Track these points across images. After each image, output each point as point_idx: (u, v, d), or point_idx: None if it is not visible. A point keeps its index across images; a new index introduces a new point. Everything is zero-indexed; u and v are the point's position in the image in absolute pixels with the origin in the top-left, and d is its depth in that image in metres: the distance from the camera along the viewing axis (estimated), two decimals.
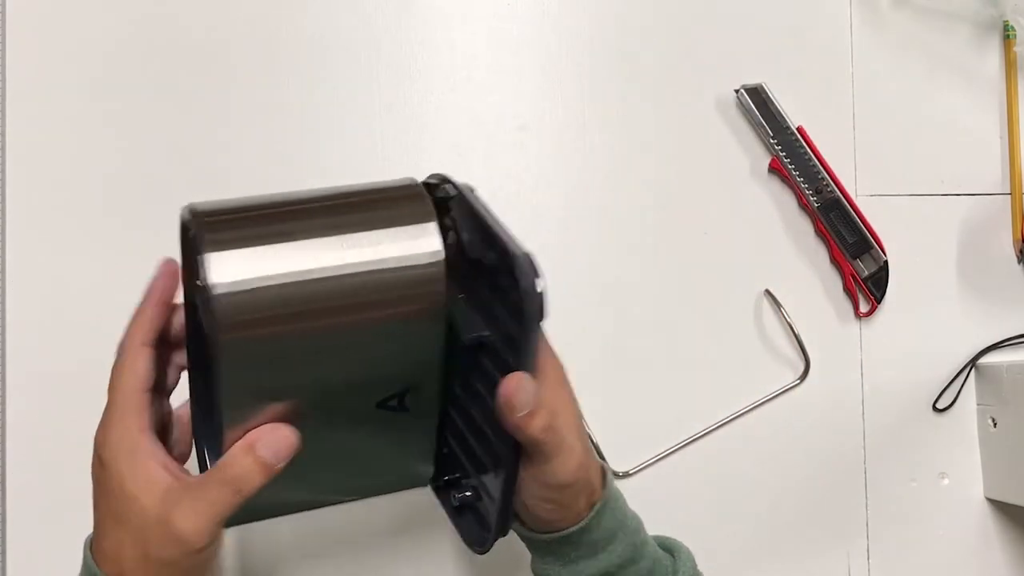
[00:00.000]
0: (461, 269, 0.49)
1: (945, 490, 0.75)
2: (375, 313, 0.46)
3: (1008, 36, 0.77)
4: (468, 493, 0.54)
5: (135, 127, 0.71)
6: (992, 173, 0.77)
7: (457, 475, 0.55)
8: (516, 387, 0.46)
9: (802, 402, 0.74)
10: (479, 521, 0.54)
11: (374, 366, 0.48)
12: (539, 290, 0.44)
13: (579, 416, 0.52)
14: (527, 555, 0.55)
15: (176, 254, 0.73)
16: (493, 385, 0.47)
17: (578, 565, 0.51)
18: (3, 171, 0.71)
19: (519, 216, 0.72)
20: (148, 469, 0.46)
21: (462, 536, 0.55)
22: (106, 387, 0.70)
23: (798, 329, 0.73)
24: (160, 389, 0.50)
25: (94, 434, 0.48)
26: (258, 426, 0.46)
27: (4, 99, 0.71)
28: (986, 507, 0.75)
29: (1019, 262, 0.76)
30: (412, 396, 0.49)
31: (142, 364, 0.48)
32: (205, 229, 0.45)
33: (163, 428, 0.50)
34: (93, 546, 0.48)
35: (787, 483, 0.73)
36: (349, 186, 0.49)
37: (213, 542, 0.46)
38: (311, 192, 0.48)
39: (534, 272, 0.44)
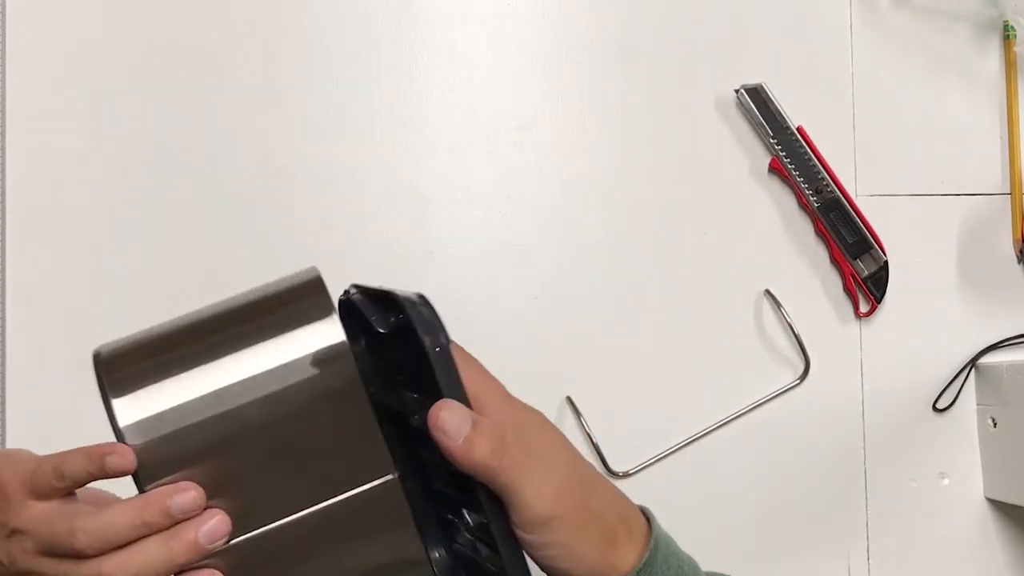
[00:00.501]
0: (382, 368, 0.48)
1: (945, 490, 0.75)
2: (294, 419, 0.44)
3: (1008, 36, 0.77)
4: None
5: (135, 127, 0.71)
6: (992, 173, 0.77)
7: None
8: (441, 411, 0.42)
9: (802, 402, 0.74)
10: None
11: (312, 470, 0.46)
12: (441, 345, 0.43)
13: (569, 455, 0.46)
14: None
15: (177, 255, 0.74)
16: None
17: None
18: (3, 171, 0.71)
19: (519, 216, 0.73)
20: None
21: None
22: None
23: (798, 329, 0.73)
24: None
25: None
26: None
27: (4, 99, 0.71)
28: (986, 507, 0.75)
29: (1019, 262, 0.76)
30: (365, 483, 0.46)
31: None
32: (107, 373, 0.44)
33: None
34: None
35: (787, 483, 0.73)
36: (246, 294, 0.48)
37: None
38: (209, 310, 0.47)
39: (430, 326, 0.43)
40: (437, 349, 0.43)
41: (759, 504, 0.74)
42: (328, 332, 0.45)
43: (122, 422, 0.43)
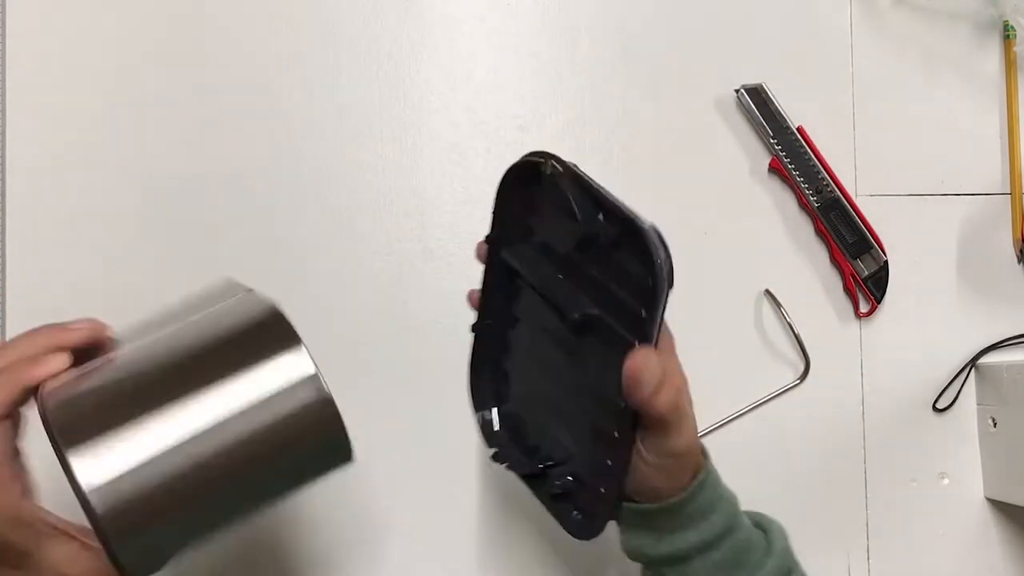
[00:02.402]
0: (561, 247, 0.49)
1: (945, 490, 0.75)
2: (273, 459, 0.44)
3: (1008, 36, 0.77)
4: (568, 479, 0.54)
5: (134, 127, 0.71)
6: (992, 173, 0.77)
7: (551, 463, 0.54)
8: (643, 364, 0.46)
9: (802, 402, 0.74)
10: (581, 509, 0.53)
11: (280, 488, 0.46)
12: (668, 265, 0.45)
13: (686, 386, 0.52)
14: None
15: (177, 254, 0.74)
16: (602, 363, 0.48)
17: (675, 536, 0.51)
18: (3, 170, 0.71)
19: None
20: (9, 494, 0.45)
21: (564, 527, 0.54)
22: None
23: (798, 329, 0.73)
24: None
25: None
26: None
27: (4, 98, 0.71)
28: (986, 507, 0.75)
29: (1019, 262, 0.76)
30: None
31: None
32: (62, 434, 0.42)
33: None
34: None
35: (787, 483, 0.73)
36: (203, 332, 0.46)
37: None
38: (166, 355, 0.45)
39: (663, 245, 0.45)
40: (667, 290, 0.45)
41: (759, 504, 0.73)
42: (297, 364, 0.44)
43: (85, 485, 0.40)
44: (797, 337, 0.73)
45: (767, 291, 0.74)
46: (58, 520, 0.46)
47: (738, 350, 0.74)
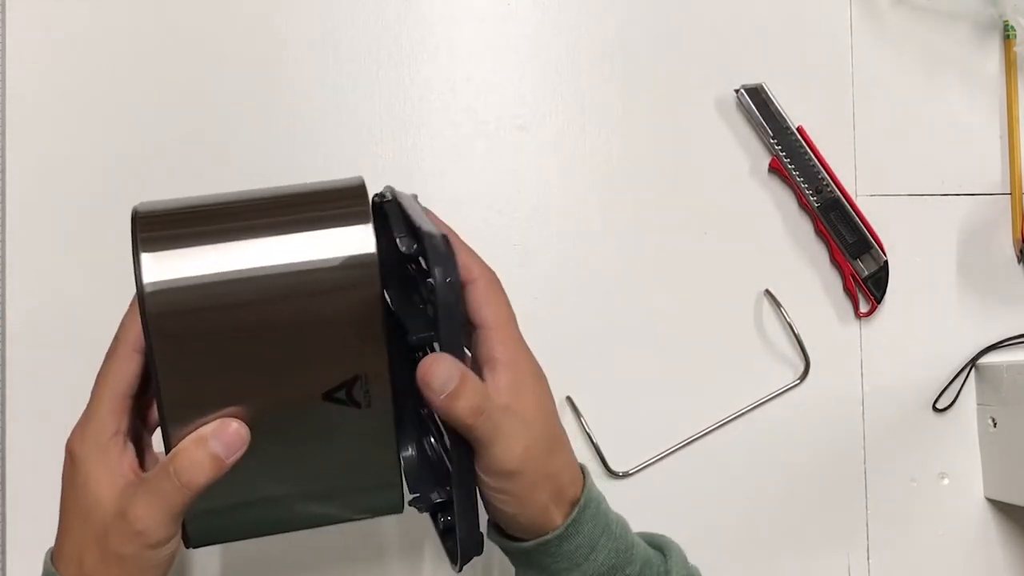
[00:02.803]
0: (401, 275, 0.50)
1: (945, 490, 0.75)
2: (307, 310, 0.46)
3: (1008, 36, 0.77)
4: (450, 517, 0.52)
5: (135, 127, 0.71)
6: (992, 173, 0.77)
7: (444, 499, 0.53)
8: (431, 365, 0.45)
9: (802, 402, 0.74)
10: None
11: (313, 356, 0.47)
12: (450, 281, 0.45)
13: (546, 415, 0.50)
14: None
15: None
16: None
17: (561, 570, 0.49)
18: (3, 169, 0.71)
19: (519, 216, 0.73)
20: (113, 468, 0.47)
21: (448, 555, 0.53)
22: None
23: (798, 329, 0.73)
24: (145, 400, 0.50)
25: (70, 440, 0.48)
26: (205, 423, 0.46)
27: (4, 97, 0.71)
28: (986, 507, 0.75)
29: (1019, 262, 0.76)
30: (360, 388, 0.48)
31: (129, 369, 0.48)
32: (142, 229, 0.47)
33: (139, 439, 0.50)
34: (54, 553, 0.48)
35: (787, 483, 0.73)
36: (291, 186, 0.50)
37: (170, 537, 0.46)
38: (253, 192, 0.49)
39: (444, 260, 0.45)
40: (448, 280, 0.45)
41: (759, 504, 0.74)
42: (361, 240, 0.46)
43: (147, 278, 0.45)
44: (797, 337, 0.73)
45: (767, 291, 0.74)
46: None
47: (738, 350, 0.74)
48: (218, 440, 0.45)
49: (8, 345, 0.70)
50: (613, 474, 0.71)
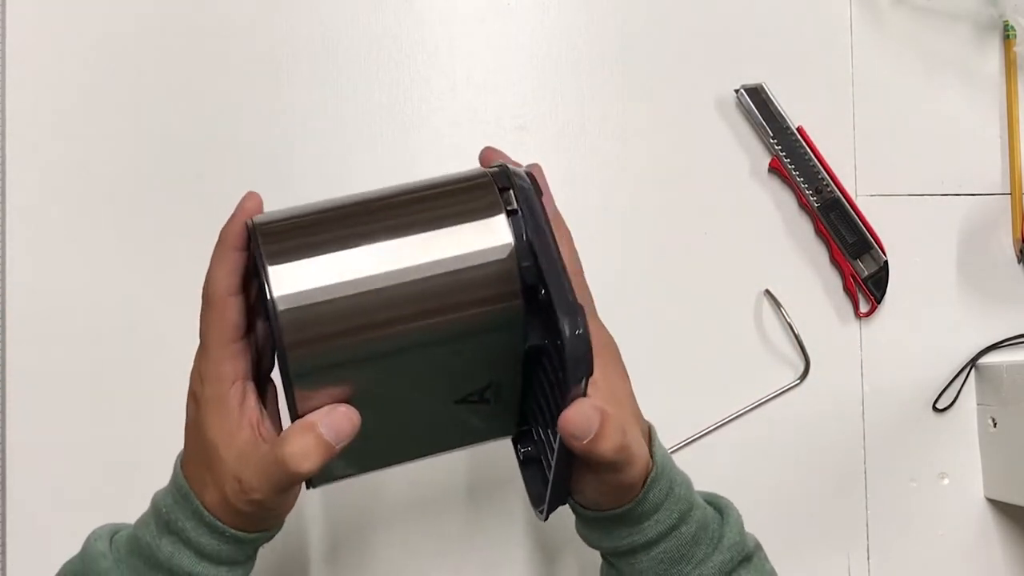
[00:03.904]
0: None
1: (945, 490, 0.75)
2: (443, 314, 0.45)
3: (1008, 36, 0.77)
4: (530, 448, 0.52)
5: (134, 126, 0.72)
6: (992, 173, 0.77)
7: (527, 427, 0.53)
8: (576, 418, 0.45)
9: (802, 402, 0.74)
10: (543, 478, 0.52)
11: (449, 366, 0.47)
12: (576, 332, 0.42)
13: (632, 400, 0.51)
14: None
15: (177, 254, 0.74)
16: (552, 381, 0.46)
17: (622, 535, 0.51)
18: (3, 168, 0.71)
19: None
20: (232, 423, 0.47)
21: (526, 489, 0.53)
22: (107, 387, 0.70)
23: (798, 329, 0.73)
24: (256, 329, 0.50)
25: (190, 371, 0.49)
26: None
27: (4, 96, 0.71)
28: (986, 507, 0.75)
29: (1019, 262, 0.76)
30: (492, 391, 0.48)
31: (230, 314, 0.47)
32: (266, 241, 0.45)
33: (260, 367, 0.50)
34: (184, 465, 0.49)
35: (787, 483, 0.73)
36: (412, 184, 0.48)
37: (286, 500, 0.48)
38: (369, 194, 0.48)
39: (573, 307, 0.43)
40: (577, 332, 0.43)
41: (759, 504, 0.73)
42: (495, 235, 0.45)
43: (276, 291, 0.43)
44: (797, 337, 0.73)
45: (767, 291, 0.74)
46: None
47: (738, 350, 0.74)
48: (327, 426, 0.45)
49: (8, 345, 0.70)
50: None
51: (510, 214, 0.46)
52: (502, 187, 0.47)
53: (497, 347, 0.46)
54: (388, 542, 0.71)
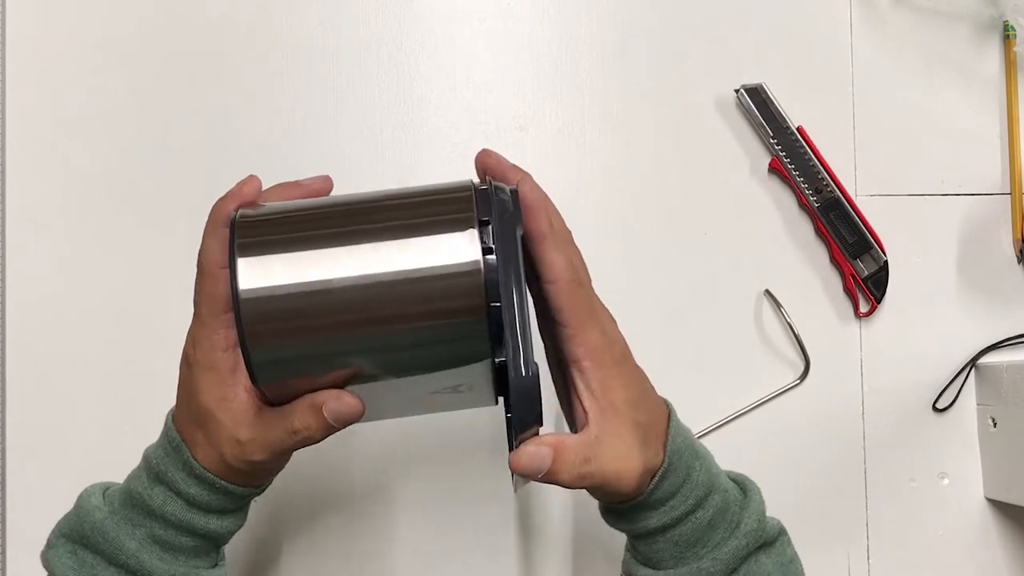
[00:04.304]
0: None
1: (945, 490, 0.75)
2: (405, 321, 0.45)
3: (1008, 36, 0.77)
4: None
5: (134, 126, 0.72)
6: (992, 173, 0.77)
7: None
8: (522, 459, 0.47)
9: (802, 402, 0.74)
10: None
11: (413, 374, 0.47)
12: (526, 372, 0.45)
13: (637, 395, 0.51)
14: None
15: (177, 255, 0.74)
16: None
17: (638, 519, 0.52)
18: (3, 167, 0.71)
19: None
20: (224, 388, 0.48)
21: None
22: (108, 385, 0.70)
23: (798, 329, 0.73)
24: None
25: (185, 339, 0.50)
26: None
27: (4, 95, 0.71)
28: (986, 507, 0.75)
29: (1019, 262, 0.76)
30: (466, 387, 0.48)
31: (221, 287, 0.48)
32: (241, 234, 0.46)
33: None
34: (175, 419, 0.51)
35: (787, 483, 0.73)
36: (394, 190, 0.49)
37: (281, 461, 0.51)
38: (351, 196, 0.48)
39: (520, 348, 0.45)
40: (527, 374, 0.45)
41: None
42: (464, 250, 0.45)
43: (242, 284, 0.44)
44: (797, 337, 0.73)
45: (767, 291, 0.74)
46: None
47: (738, 350, 0.74)
48: (332, 411, 0.47)
49: (8, 345, 0.70)
50: None
51: (483, 233, 0.46)
52: (480, 214, 0.47)
53: (463, 358, 0.47)
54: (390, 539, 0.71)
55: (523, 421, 0.46)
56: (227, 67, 0.72)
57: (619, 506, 0.52)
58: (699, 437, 0.73)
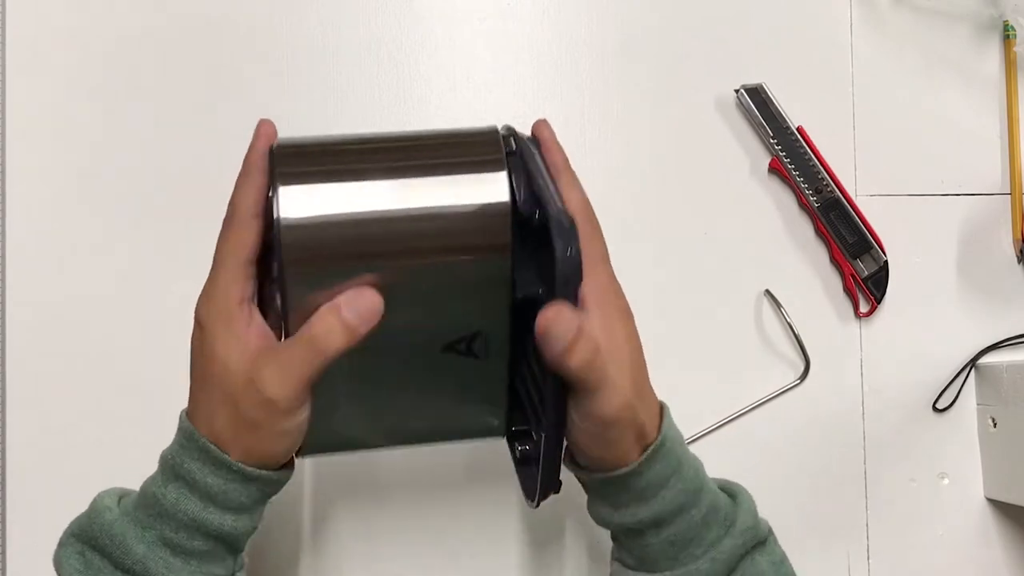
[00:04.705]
0: (518, 227, 0.50)
1: (945, 490, 0.75)
2: (437, 256, 0.47)
3: (1008, 36, 0.77)
4: (528, 447, 0.54)
5: (134, 126, 0.72)
6: (992, 173, 0.77)
7: (525, 427, 0.55)
8: (553, 318, 0.46)
9: (802, 402, 0.74)
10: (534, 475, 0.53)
11: (438, 308, 0.49)
12: (570, 255, 0.45)
13: (635, 355, 0.51)
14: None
15: (176, 255, 0.74)
16: (540, 371, 0.48)
17: (629, 509, 0.51)
18: (3, 167, 0.71)
19: None
20: (241, 334, 0.48)
21: (521, 486, 0.55)
22: (106, 384, 0.70)
23: (798, 329, 0.73)
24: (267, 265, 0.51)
25: (196, 303, 0.50)
26: None
27: (4, 95, 0.71)
28: (986, 507, 0.75)
29: (1019, 262, 0.76)
30: (480, 343, 0.50)
31: (248, 235, 0.48)
32: (282, 163, 0.47)
33: (264, 304, 0.51)
34: (188, 412, 0.50)
35: (787, 483, 0.73)
36: (428, 130, 0.51)
37: (300, 406, 0.47)
38: (389, 134, 0.51)
39: (568, 236, 0.45)
40: (569, 254, 0.46)
41: (758, 504, 0.73)
42: (495, 188, 0.48)
43: (284, 212, 0.46)
44: (797, 337, 0.73)
45: (767, 291, 0.74)
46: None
47: (738, 350, 0.74)
48: (352, 309, 0.46)
49: (8, 344, 0.70)
50: None
51: (511, 162, 0.49)
52: (507, 144, 0.50)
53: (487, 292, 0.49)
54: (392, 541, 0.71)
55: (567, 285, 0.46)
56: (227, 67, 0.72)
57: (609, 477, 0.50)
58: (698, 437, 0.73)
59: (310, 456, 0.53)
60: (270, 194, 0.47)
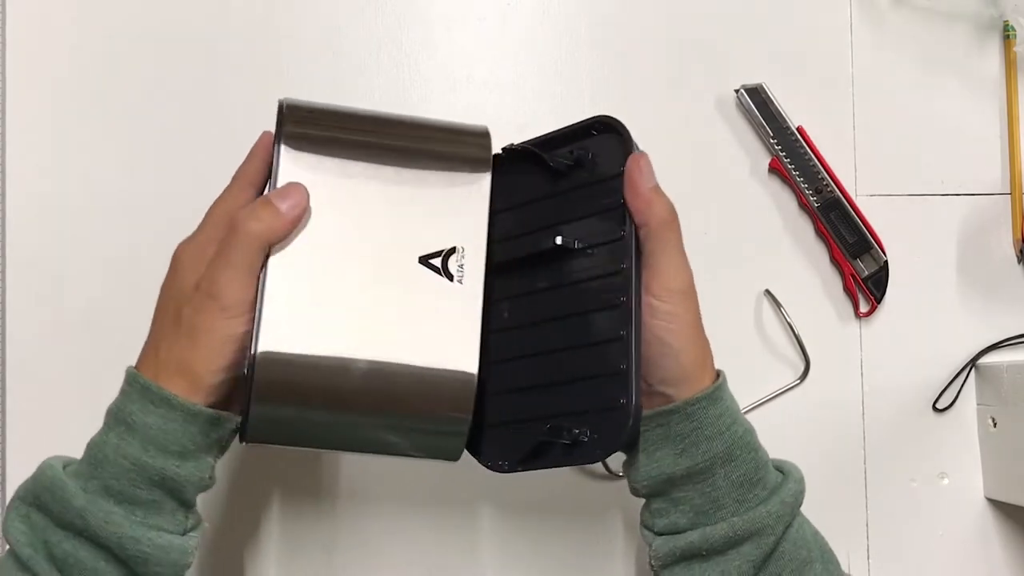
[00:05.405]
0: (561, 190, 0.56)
1: (945, 490, 0.75)
2: (417, 151, 0.54)
3: (1008, 36, 0.77)
4: (577, 429, 0.51)
5: (133, 126, 0.72)
6: (992, 173, 0.77)
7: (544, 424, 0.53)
8: (642, 159, 0.53)
9: (802, 402, 0.74)
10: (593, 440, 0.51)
11: (415, 213, 0.52)
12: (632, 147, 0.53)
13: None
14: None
15: (170, 253, 0.74)
16: (584, 276, 0.52)
17: (700, 447, 0.50)
18: (3, 167, 0.71)
19: None
20: (204, 249, 0.52)
21: (586, 460, 0.54)
22: (107, 384, 0.70)
23: (798, 329, 0.73)
24: None
25: (176, 248, 0.54)
26: None
27: (4, 95, 0.71)
28: (986, 507, 0.75)
29: (1019, 262, 0.76)
30: (457, 262, 0.52)
31: (244, 199, 0.54)
32: (288, 123, 0.54)
33: None
34: (137, 363, 0.52)
35: None
36: (428, 119, 0.58)
37: (240, 305, 0.49)
38: (393, 115, 0.57)
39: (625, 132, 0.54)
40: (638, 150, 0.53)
41: None
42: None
43: (283, 178, 0.52)
44: (797, 337, 0.73)
45: (767, 291, 0.74)
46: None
47: (738, 350, 0.74)
48: (281, 197, 0.51)
49: (8, 345, 0.70)
50: (614, 475, 0.71)
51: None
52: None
53: (463, 203, 0.53)
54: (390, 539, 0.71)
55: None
56: (227, 67, 0.72)
57: (692, 399, 0.50)
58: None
59: (253, 443, 0.52)
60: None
